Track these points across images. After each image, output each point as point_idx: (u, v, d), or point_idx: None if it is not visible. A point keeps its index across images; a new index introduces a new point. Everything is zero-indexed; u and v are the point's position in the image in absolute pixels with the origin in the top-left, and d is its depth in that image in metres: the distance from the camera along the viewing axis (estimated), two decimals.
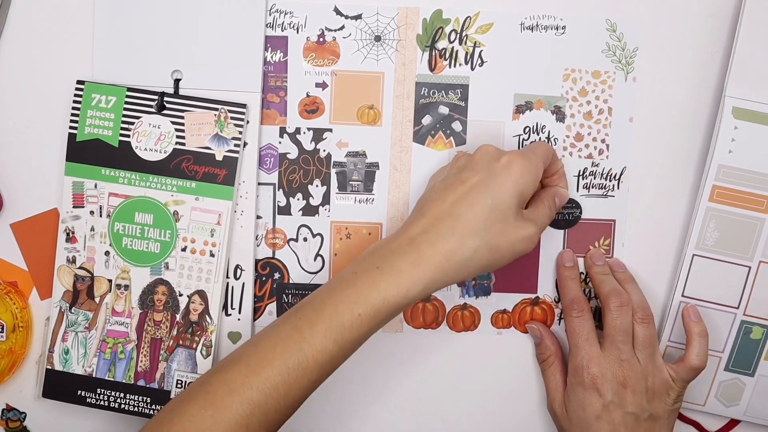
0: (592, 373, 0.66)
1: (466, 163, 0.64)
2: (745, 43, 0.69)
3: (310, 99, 0.72)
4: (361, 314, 0.59)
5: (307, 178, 0.72)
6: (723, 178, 0.70)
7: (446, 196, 0.62)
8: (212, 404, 0.57)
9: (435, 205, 0.62)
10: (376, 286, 0.59)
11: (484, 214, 0.60)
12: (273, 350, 0.59)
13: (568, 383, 0.69)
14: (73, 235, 0.70)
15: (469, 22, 0.71)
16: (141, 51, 0.70)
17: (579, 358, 0.67)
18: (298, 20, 0.71)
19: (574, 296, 0.69)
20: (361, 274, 0.60)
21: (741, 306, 0.71)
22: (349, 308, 0.59)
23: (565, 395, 0.69)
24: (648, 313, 0.68)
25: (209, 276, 0.70)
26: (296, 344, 0.58)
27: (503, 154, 0.63)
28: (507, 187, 0.61)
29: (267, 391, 0.58)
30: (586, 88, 0.72)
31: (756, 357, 0.72)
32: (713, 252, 0.71)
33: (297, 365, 0.58)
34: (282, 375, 0.58)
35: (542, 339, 0.71)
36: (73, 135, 0.70)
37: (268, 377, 0.58)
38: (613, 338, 0.67)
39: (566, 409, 0.69)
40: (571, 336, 0.69)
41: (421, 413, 0.74)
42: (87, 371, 0.71)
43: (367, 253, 0.62)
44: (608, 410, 0.66)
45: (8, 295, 0.71)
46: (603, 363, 0.67)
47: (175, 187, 0.70)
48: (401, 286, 0.59)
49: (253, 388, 0.57)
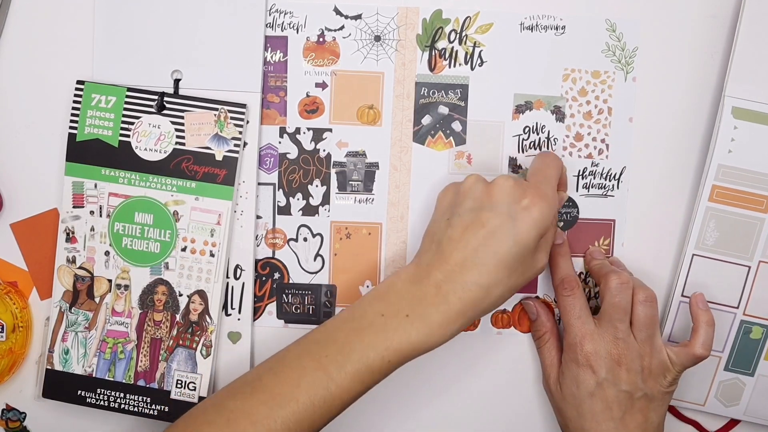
0: (585, 350, 0.66)
1: (484, 201, 0.62)
2: (744, 43, 0.69)
3: (310, 99, 0.72)
4: (390, 361, 0.60)
5: (307, 178, 0.72)
6: (723, 177, 0.70)
7: (468, 238, 0.61)
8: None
9: (456, 248, 0.61)
10: (407, 335, 0.60)
11: (509, 260, 0.60)
12: (298, 386, 0.59)
13: (563, 360, 0.69)
14: (73, 235, 0.70)
15: (469, 22, 0.71)
16: (141, 51, 0.70)
17: (572, 336, 0.67)
18: (298, 20, 0.71)
19: (565, 275, 0.69)
20: (389, 320, 0.61)
21: (741, 306, 0.71)
22: (379, 355, 0.60)
23: (559, 372, 0.69)
24: (649, 294, 0.67)
25: (209, 276, 0.70)
26: (323, 383, 0.59)
27: (523, 195, 0.62)
28: (529, 232, 0.61)
29: (291, 425, 0.58)
30: (585, 88, 0.72)
31: (756, 357, 0.72)
32: (713, 252, 0.71)
33: (323, 403, 0.59)
34: (308, 411, 0.59)
35: (538, 315, 0.71)
36: (73, 135, 0.70)
37: (294, 412, 0.59)
38: (610, 316, 0.67)
39: (560, 386, 0.69)
40: (563, 314, 0.68)
41: (421, 413, 0.74)
42: (87, 371, 0.71)
43: (390, 291, 0.62)
44: (602, 387, 0.66)
45: (8, 295, 0.71)
46: (597, 340, 0.66)
47: (175, 187, 0.70)
48: (431, 335, 0.60)
49: (277, 422, 0.58)
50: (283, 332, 0.73)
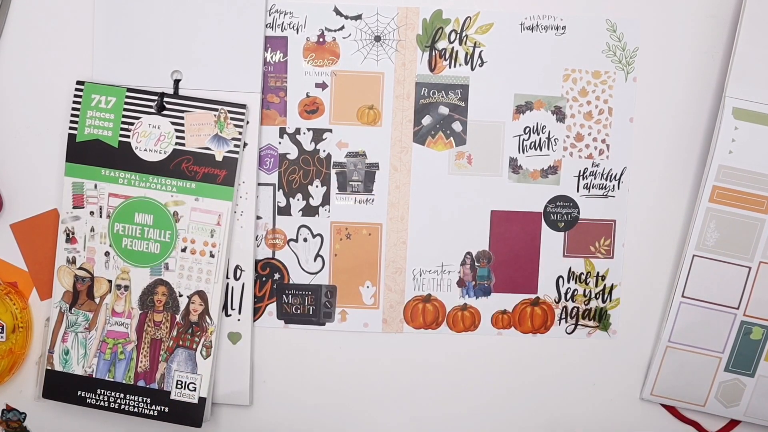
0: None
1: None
2: (745, 43, 0.69)
3: (309, 99, 0.72)
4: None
5: (307, 179, 0.72)
6: (723, 178, 0.70)
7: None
8: None
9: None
10: None
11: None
12: None
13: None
14: (73, 235, 0.70)
15: (469, 23, 0.71)
16: (141, 51, 0.70)
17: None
18: (298, 20, 0.71)
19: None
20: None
21: (741, 306, 0.71)
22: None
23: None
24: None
25: (209, 276, 0.70)
26: None
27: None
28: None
29: None
30: (586, 89, 0.71)
31: (756, 357, 0.72)
32: (713, 252, 0.71)
33: None
34: None
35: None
36: (73, 135, 0.70)
37: None
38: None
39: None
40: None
41: (420, 413, 0.74)
42: (87, 372, 0.71)
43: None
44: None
45: (8, 295, 0.71)
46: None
47: (175, 188, 0.70)
48: None
49: None
50: (284, 332, 0.73)
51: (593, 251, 0.73)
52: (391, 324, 0.73)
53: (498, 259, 0.73)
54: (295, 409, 0.73)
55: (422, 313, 0.73)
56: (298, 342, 0.73)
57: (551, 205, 0.72)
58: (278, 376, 0.73)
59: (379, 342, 0.73)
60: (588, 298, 0.73)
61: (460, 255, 0.73)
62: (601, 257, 0.73)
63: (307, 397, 0.73)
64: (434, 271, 0.73)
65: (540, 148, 0.72)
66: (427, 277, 0.73)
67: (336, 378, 0.73)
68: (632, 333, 0.73)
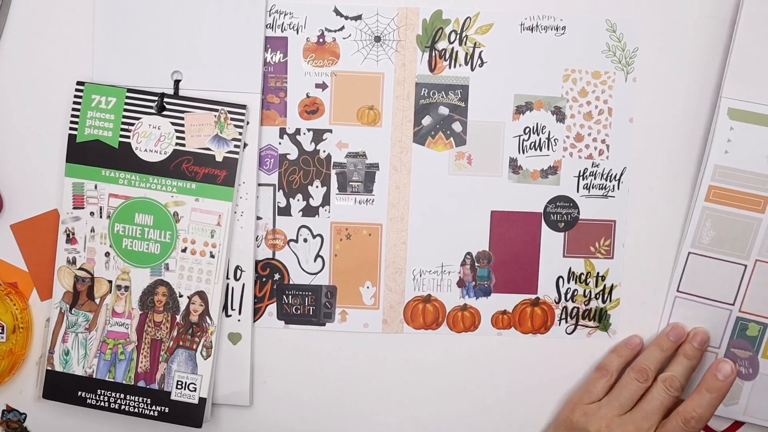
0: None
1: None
2: (741, 44, 0.69)
3: (310, 100, 0.72)
4: None
5: (307, 179, 0.72)
6: (719, 178, 0.70)
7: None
8: None
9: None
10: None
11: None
12: None
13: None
14: (74, 236, 0.70)
15: (469, 23, 0.71)
16: (141, 51, 0.70)
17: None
18: (298, 21, 0.71)
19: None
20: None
21: (737, 303, 0.71)
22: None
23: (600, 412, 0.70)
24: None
25: (209, 277, 0.70)
26: None
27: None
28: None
29: None
30: (586, 89, 0.72)
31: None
32: (709, 250, 0.71)
33: None
34: None
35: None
36: (73, 136, 0.70)
37: None
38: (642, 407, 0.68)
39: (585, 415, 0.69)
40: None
41: (421, 413, 0.74)
42: (87, 372, 0.71)
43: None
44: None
45: (8, 296, 0.71)
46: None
47: (175, 188, 0.69)
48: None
49: None
50: (284, 333, 0.73)
51: (593, 251, 0.73)
52: (391, 324, 0.73)
53: (498, 259, 0.73)
54: (295, 409, 0.74)
55: (422, 313, 0.73)
56: (298, 342, 0.73)
57: (551, 205, 0.72)
58: (278, 377, 0.73)
59: (379, 342, 0.73)
60: (588, 298, 0.73)
61: (460, 255, 0.73)
62: (601, 257, 0.73)
63: (307, 397, 0.73)
64: (434, 271, 0.73)
65: (540, 149, 0.72)
66: (427, 278, 0.73)
67: (336, 378, 0.73)
68: (632, 333, 0.74)
